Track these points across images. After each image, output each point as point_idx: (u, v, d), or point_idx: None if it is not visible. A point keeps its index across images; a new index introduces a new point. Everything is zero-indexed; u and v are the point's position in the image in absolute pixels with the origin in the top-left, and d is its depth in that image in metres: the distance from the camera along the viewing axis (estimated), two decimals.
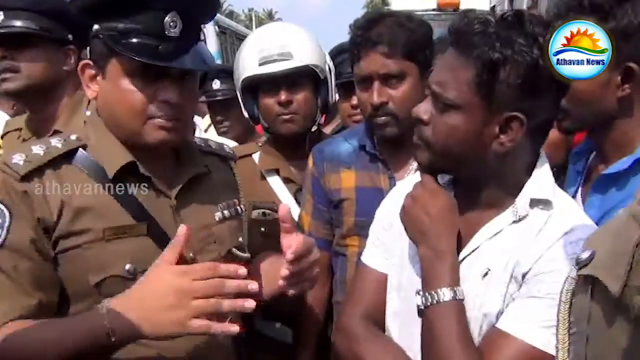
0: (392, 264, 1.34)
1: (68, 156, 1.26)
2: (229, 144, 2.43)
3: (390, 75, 1.68)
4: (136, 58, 1.20)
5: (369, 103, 1.70)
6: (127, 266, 1.23)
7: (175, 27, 1.24)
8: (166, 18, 1.23)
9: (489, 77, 1.12)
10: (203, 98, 2.99)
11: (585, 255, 0.86)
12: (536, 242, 1.15)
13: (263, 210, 2.02)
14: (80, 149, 1.27)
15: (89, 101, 1.91)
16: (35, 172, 1.21)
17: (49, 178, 1.22)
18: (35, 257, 1.18)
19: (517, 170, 1.21)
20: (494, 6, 8.25)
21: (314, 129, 2.07)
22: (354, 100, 2.42)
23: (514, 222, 1.19)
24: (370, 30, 1.68)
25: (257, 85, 1.99)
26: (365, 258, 1.41)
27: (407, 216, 1.23)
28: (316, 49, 2.02)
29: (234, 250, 1.42)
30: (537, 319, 1.11)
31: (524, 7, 5.90)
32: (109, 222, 1.23)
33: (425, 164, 1.22)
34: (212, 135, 2.91)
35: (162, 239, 1.26)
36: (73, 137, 1.29)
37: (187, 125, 1.34)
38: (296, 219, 1.97)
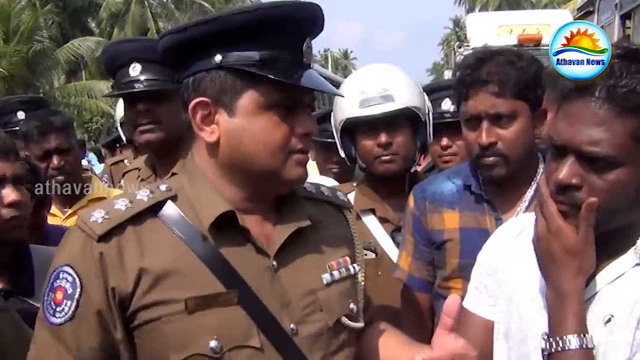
0: (499, 310, 1.30)
1: (154, 210, 1.11)
2: (328, 183, 2.47)
3: (501, 115, 1.65)
4: (284, 79, 1.09)
5: (477, 143, 1.68)
6: (212, 343, 1.06)
7: (310, 53, 1.16)
8: (304, 45, 1.14)
9: None
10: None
11: None
12: None
13: None
14: (170, 201, 1.13)
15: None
16: (115, 231, 1.07)
17: (128, 238, 1.08)
18: (102, 334, 1.06)
19: None
20: None
21: (412, 169, 2.07)
22: (444, 142, 2.43)
23: (637, 264, 1.13)
24: (480, 69, 1.67)
25: (355, 126, 2.02)
26: (468, 304, 1.37)
27: (538, 250, 1.15)
28: (416, 90, 2.03)
29: (344, 319, 1.20)
30: None
31: (614, 40, 5.71)
32: (194, 290, 1.07)
33: None
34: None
35: (256, 309, 1.10)
36: (163, 187, 1.15)
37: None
38: (394, 259, 1.96)
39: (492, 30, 9.98)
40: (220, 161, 1.14)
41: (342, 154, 2.14)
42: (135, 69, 1.97)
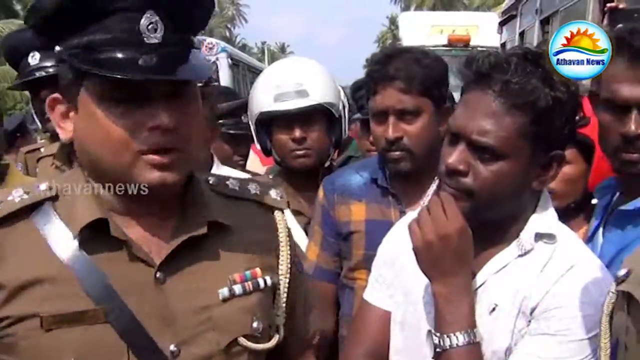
0: (396, 300, 1.34)
1: (28, 211, 0.99)
2: (236, 175, 2.46)
3: (406, 110, 1.70)
4: (108, 75, 0.93)
5: (384, 137, 1.72)
6: None
7: (156, 30, 0.96)
8: (142, 20, 0.95)
9: (542, 122, 1.12)
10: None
11: (622, 272, 0.96)
12: (542, 276, 1.17)
13: None
14: (49, 202, 1.00)
15: None
16: None
17: None
18: None
19: (528, 205, 1.23)
20: (504, 43, 8.31)
21: (327, 164, 2.11)
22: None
23: (520, 256, 1.20)
24: (388, 65, 1.71)
25: (271, 120, 2.03)
26: (367, 295, 1.41)
27: (426, 252, 1.16)
28: (331, 86, 2.06)
29: (242, 340, 1.06)
30: (550, 356, 1.12)
31: (535, 43, 5.96)
32: (56, 306, 0.95)
33: (468, 213, 1.15)
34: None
35: (128, 327, 0.97)
36: (43, 186, 1.01)
37: (189, 159, 1.02)
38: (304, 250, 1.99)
39: (423, 30, 10.20)
40: (80, 161, 1.04)
41: (258, 147, 2.16)
42: (34, 58, 1.94)
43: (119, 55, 0.95)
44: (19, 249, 0.97)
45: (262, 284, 1.10)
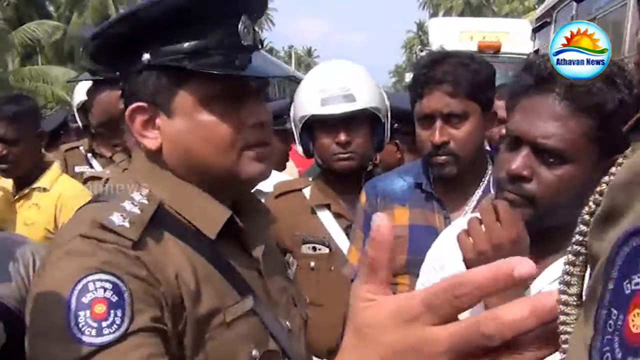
0: None
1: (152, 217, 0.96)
2: (280, 177, 2.48)
3: (453, 114, 1.69)
4: (220, 72, 0.97)
5: (430, 141, 1.71)
6: (254, 352, 0.98)
7: (249, 33, 1.03)
8: (239, 25, 1.01)
9: (609, 125, 1.10)
10: None
11: None
12: None
13: (313, 245, 2.05)
14: (160, 209, 0.99)
15: None
16: (144, 236, 0.92)
17: (155, 245, 0.93)
18: (163, 346, 0.88)
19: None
20: (537, 49, 8.23)
21: (368, 167, 2.11)
22: None
23: None
24: (435, 69, 1.70)
25: (314, 123, 2.04)
26: None
27: (478, 262, 1.10)
28: (377, 91, 2.06)
29: (308, 310, 1.22)
30: None
31: None
32: (223, 301, 0.97)
33: (531, 220, 1.12)
34: None
35: (264, 313, 1.03)
36: (145, 191, 0.99)
37: (272, 152, 1.09)
38: (346, 253, 1.99)
39: (453, 36, 10.15)
40: (170, 169, 1.03)
41: (300, 150, 2.17)
42: None
43: (223, 57, 0.99)
44: (172, 251, 0.96)
45: (291, 263, 1.26)
